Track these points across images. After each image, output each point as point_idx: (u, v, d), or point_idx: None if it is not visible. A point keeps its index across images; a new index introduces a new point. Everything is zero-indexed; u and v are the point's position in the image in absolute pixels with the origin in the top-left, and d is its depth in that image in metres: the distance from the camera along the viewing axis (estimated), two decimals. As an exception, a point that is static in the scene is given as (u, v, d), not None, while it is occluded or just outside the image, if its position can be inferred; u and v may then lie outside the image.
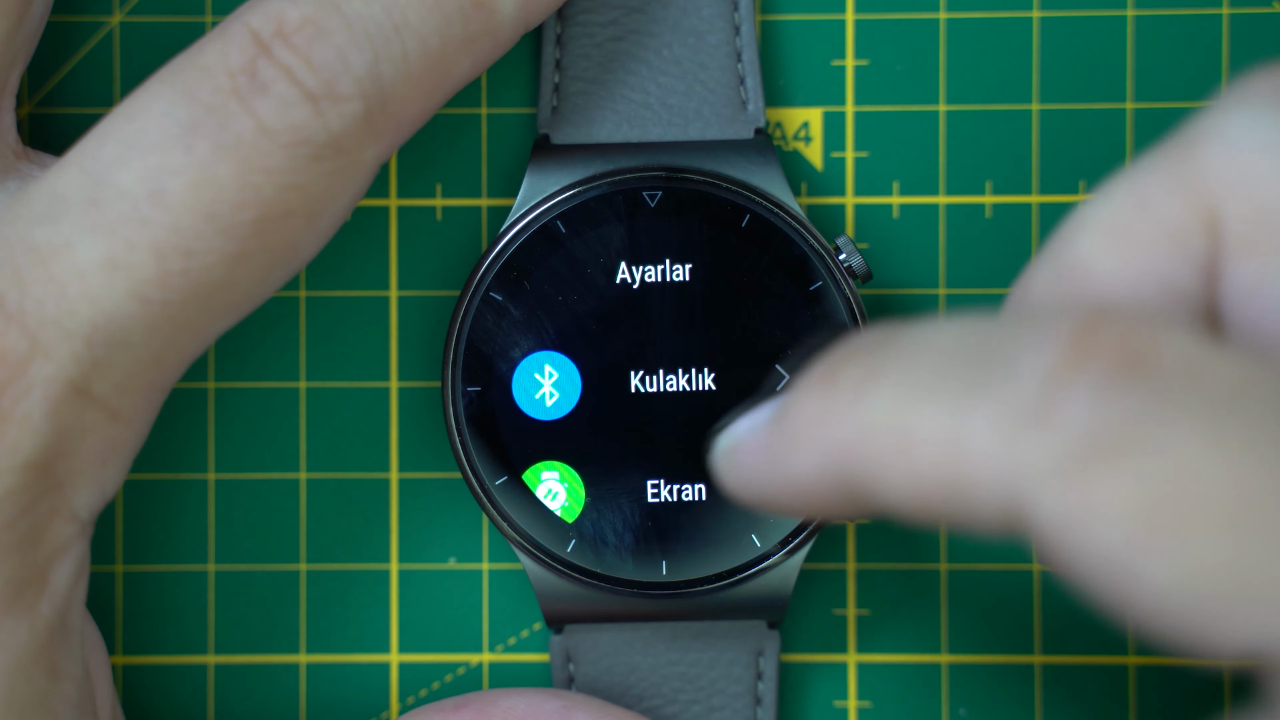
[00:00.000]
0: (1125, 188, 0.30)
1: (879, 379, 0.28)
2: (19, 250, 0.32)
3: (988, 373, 0.27)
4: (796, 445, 0.29)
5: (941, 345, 0.28)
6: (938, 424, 0.27)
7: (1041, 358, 0.26)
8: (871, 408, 0.28)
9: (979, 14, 0.38)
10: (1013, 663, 0.39)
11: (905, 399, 0.27)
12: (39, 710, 0.33)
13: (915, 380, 0.27)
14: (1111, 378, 0.26)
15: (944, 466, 0.27)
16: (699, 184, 0.37)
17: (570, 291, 0.37)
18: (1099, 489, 0.25)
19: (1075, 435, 0.26)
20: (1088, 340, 0.26)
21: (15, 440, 0.32)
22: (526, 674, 0.39)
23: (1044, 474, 0.26)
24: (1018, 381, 0.26)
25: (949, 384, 0.27)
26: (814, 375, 0.29)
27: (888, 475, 0.27)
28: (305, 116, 0.32)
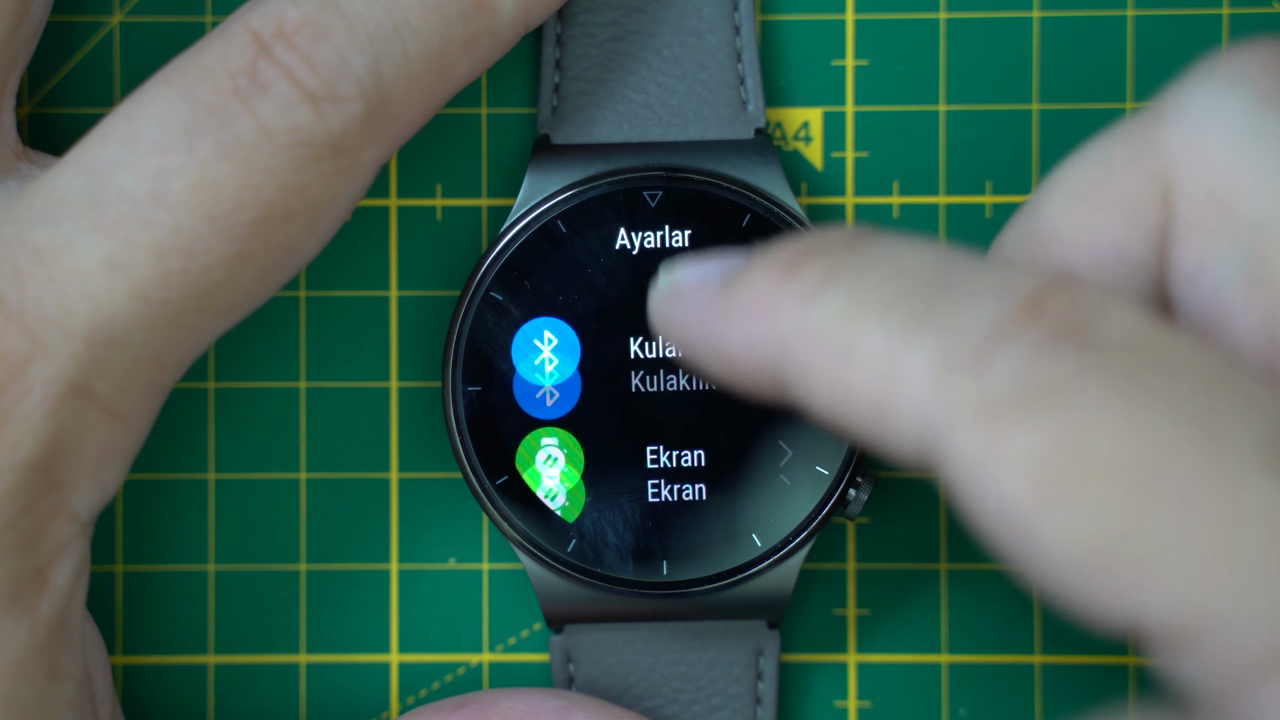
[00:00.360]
0: (1093, 154, 0.30)
1: (835, 284, 0.28)
2: (19, 250, 0.32)
3: (937, 311, 0.27)
4: (738, 320, 0.29)
5: (904, 268, 0.28)
6: (878, 346, 0.27)
7: (990, 311, 0.27)
8: (820, 312, 0.28)
9: (979, 14, 0.38)
10: (1013, 663, 0.39)
11: (854, 313, 0.28)
12: (39, 710, 0.33)
13: (869, 297, 0.28)
14: (1048, 341, 0.26)
15: (873, 387, 0.27)
16: (699, 184, 0.37)
17: (570, 291, 0.37)
18: (1008, 438, 0.26)
19: (999, 386, 0.26)
20: (1037, 304, 0.27)
21: (15, 440, 0.32)
22: (526, 674, 0.39)
23: (963, 414, 0.26)
24: (964, 325, 0.27)
25: (898, 310, 0.27)
26: (775, 257, 0.29)
27: (818, 380, 0.28)
28: (306, 117, 0.32)
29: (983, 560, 0.38)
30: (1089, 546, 0.25)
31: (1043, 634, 0.38)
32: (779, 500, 0.36)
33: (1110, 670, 0.38)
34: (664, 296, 0.31)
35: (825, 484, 0.36)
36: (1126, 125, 0.30)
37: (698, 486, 0.37)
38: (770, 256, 0.29)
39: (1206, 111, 0.29)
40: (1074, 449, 0.26)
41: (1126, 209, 0.30)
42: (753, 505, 0.37)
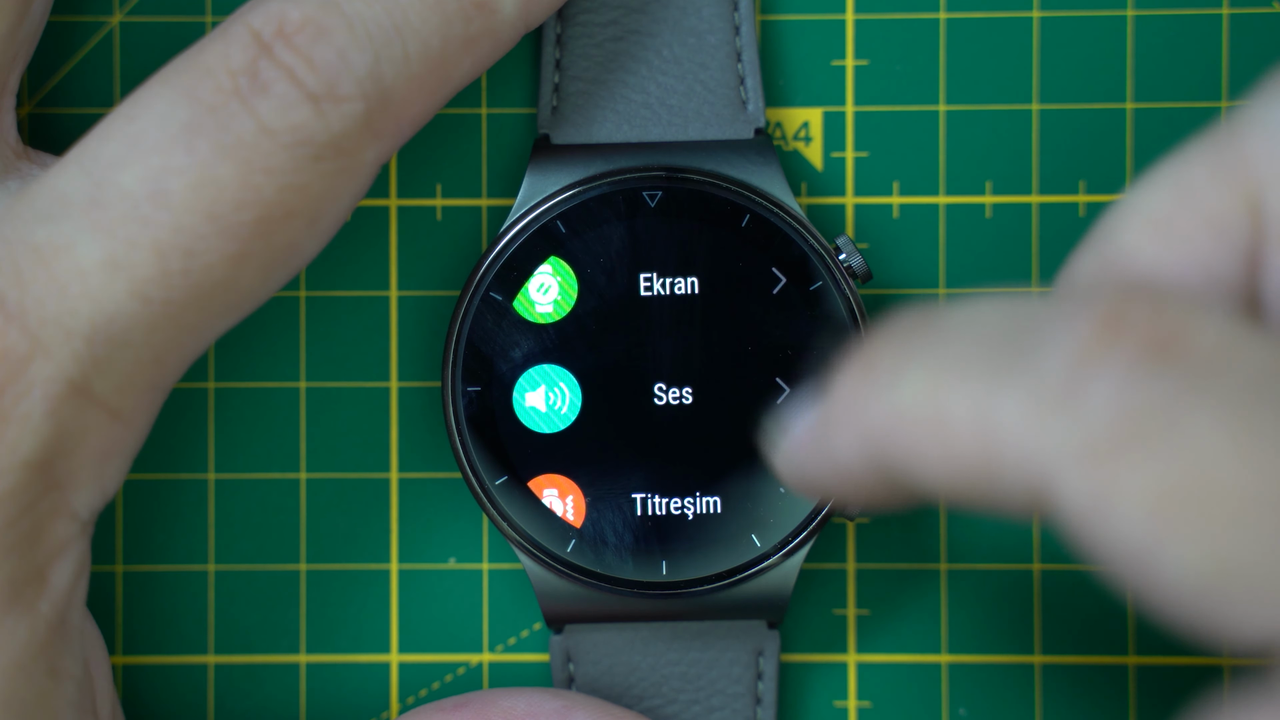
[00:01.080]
0: (1168, 177, 0.29)
1: (913, 361, 0.28)
2: (20, 249, 0.32)
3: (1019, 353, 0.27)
4: (837, 429, 0.29)
5: (975, 326, 0.28)
6: (968, 405, 0.27)
7: (1071, 338, 0.26)
8: (905, 390, 0.28)
9: (979, 14, 0.38)
10: (1013, 663, 0.39)
11: (938, 381, 0.27)
12: (39, 709, 0.33)
13: (948, 362, 0.27)
14: (1140, 360, 0.26)
15: (975, 448, 0.27)
16: (699, 184, 0.37)
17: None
18: (1121, 475, 0.25)
19: (1100, 419, 0.25)
20: (1118, 321, 0.26)
21: (15, 439, 0.32)
22: (526, 674, 0.39)
23: (1069, 458, 0.26)
24: (1047, 364, 0.26)
25: (980, 365, 0.27)
26: (853, 361, 0.29)
27: (922, 457, 0.27)
28: (306, 117, 0.32)
29: (983, 560, 0.38)
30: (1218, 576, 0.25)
31: (1043, 634, 0.38)
32: (779, 500, 0.36)
33: (1110, 670, 0.38)
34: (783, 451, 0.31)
35: (825, 484, 0.36)
36: (1202, 144, 0.29)
37: (700, 496, 0.37)
38: (849, 364, 0.29)
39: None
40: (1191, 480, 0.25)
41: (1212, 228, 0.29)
42: (752, 506, 0.37)
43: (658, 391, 0.37)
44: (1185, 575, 0.25)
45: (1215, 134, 0.29)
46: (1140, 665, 0.38)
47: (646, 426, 0.37)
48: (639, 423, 0.37)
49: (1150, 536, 0.25)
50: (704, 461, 0.37)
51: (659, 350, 0.37)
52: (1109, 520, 0.25)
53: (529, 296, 0.37)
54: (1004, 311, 0.28)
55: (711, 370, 0.37)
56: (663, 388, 0.37)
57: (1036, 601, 0.38)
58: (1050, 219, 0.38)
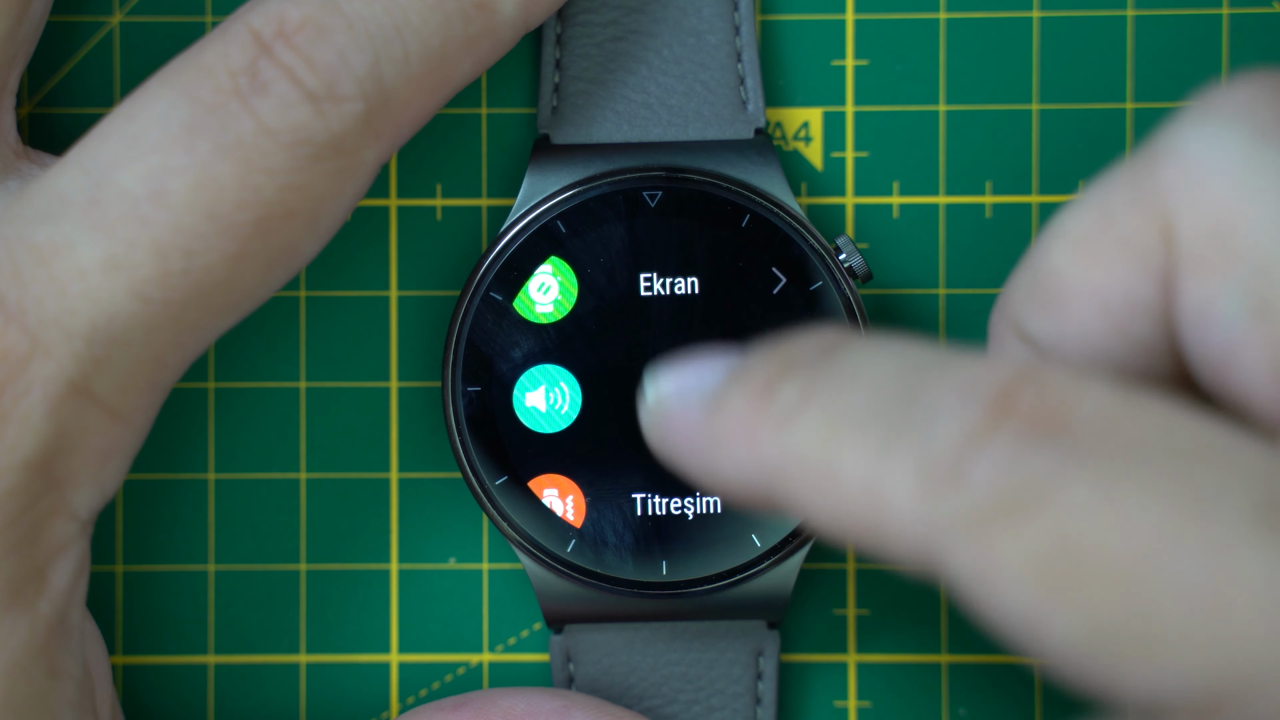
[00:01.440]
0: (1092, 199, 0.30)
1: (810, 405, 0.28)
2: (19, 249, 0.32)
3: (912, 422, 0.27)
4: (725, 448, 0.29)
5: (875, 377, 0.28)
6: (859, 466, 0.27)
7: (962, 416, 0.27)
8: (799, 436, 0.28)
9: (979, 14, 0.38)
10: (1013, 663, 0.38)
11: (832, 433, 0.28)
12: (39, 709, 0.33)
13: (844, 413, 0.28)
14: (1024, 437, 0.26)
15: (862, 505, 0.27)
16: (699, 184, 0.37)
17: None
18: (1001, 546, 0.26)
19: (983, 494, 0.26)
20: (1007, 400, 0.26)
21: (15, 439, 0.32)
22: (526, 674, 0.39)
23: (953, 530, 0.26)
24: (938, 435, 0.27)
25: (874, 426, 0.27)
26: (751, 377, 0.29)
27: (809, 500, 0.28)
28: (306, 116, 0.32)
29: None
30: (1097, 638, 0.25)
31: (1043, 634, 0.38)
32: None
33: (1110, 670, 0.38)
34: (652, 415, 0.31)
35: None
36: (1123, 168, 0.30)
37: (698, 490, 0.37)
38: (747, 377, 0.29)
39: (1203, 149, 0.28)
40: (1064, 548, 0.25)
41: (1129, 252, 0.29)
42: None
43: None
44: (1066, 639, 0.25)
45: (1137, 157, 0.29)
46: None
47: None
48: (639, 422, 0.37)
49: (1031, 604, 0.26)
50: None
51: (659, 350, 0.37)
52: (993, 589, 0.26)
53: (529, 296, 0.37)
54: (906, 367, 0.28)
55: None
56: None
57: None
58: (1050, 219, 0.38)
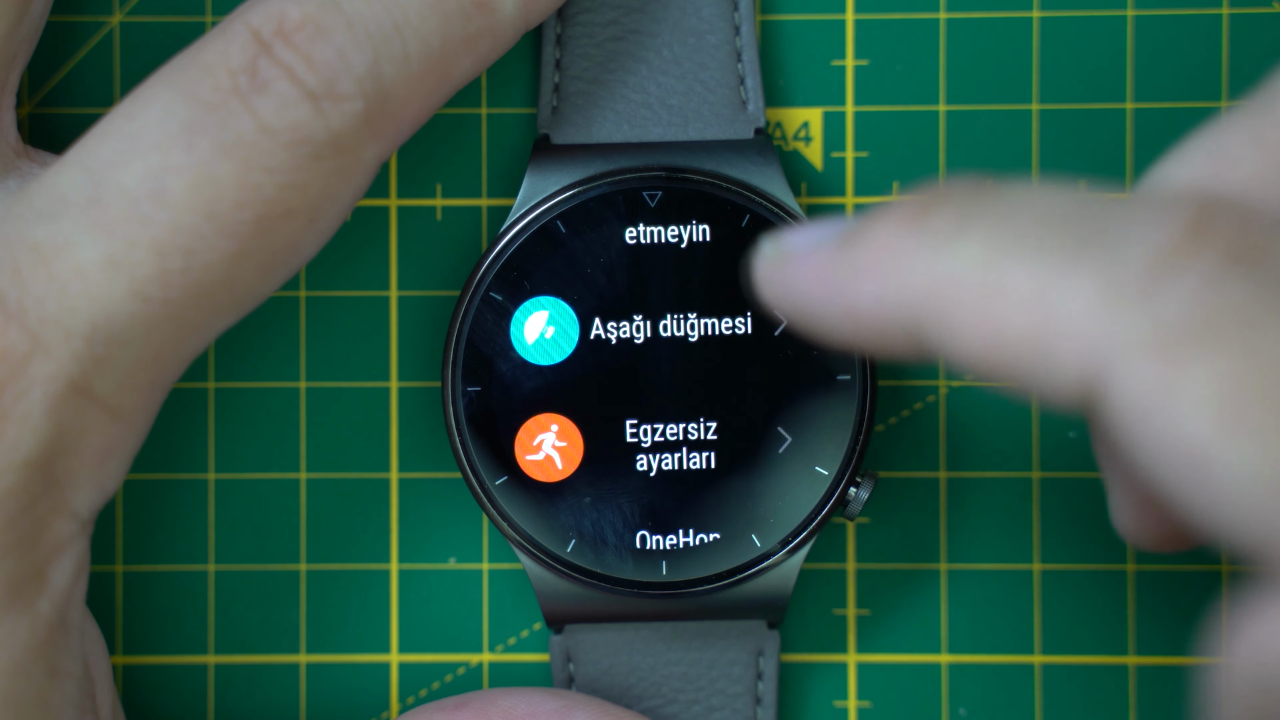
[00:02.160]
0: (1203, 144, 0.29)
1: (973, 226, 0.27)
2: (19, 248, 0.32)
3: (1093, 241, 0.26)
4: (866, 276, 0.28)
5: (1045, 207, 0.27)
6: (1030, 281, 0.26)
7: (1155, 235, 0.26)
8: (960, 254, 0.27)
9: (979, 14, 0.38)
10: (1013, 663, 0.38)
11: (999, 251, 0.27)
12: (39, 708, 0.33)
13: (1012, 235, 0.27)
14: (1221, 265, 0.25)
15: (1029, 325, 0.26)
16: (699, 184, 0.37)
17: (570, 291, 0.37)
18: (1189, 368, 0.25)
19: (1175, 314, 0.25)
20: (1204, 226, 0.26)
21: (15, 438, 0.32)
22: (526, 674, 0.39)
23: (1135, 347, 0.25)
24: (1125, 254, 0.26)
25: (1049, 244, 0.26)
26: (898, 209, 0.28)
27: (966, 326, 0.27)
28: (306, 115, 0.32)
29: (983, 560, 0.38)
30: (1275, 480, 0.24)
31: (1043, 634, 0.38)
32: (779, 500, 0.36)
33: (1110, 670, 0.38)
34: (772, 262, 0.30)
35: (825, 484, 0.36)
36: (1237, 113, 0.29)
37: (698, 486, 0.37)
38: (891, 210, 0.28)
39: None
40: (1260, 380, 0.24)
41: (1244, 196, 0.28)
42: (752, 505, 0.36)
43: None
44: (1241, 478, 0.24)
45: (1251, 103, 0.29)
46: (1140, 665, 0.38)
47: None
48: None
49: (1211, 434, 0.24)
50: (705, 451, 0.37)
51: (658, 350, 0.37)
52: (1169, 414, 0.25)
53: (524, 338, 0.37)
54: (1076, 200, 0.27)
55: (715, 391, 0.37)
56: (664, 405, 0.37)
57: (1036, 601, 0.38)
58: (1050, 219, 0.38)
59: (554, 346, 0.37)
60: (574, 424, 0.37)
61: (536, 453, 0.37)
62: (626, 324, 0.36)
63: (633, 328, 0.36)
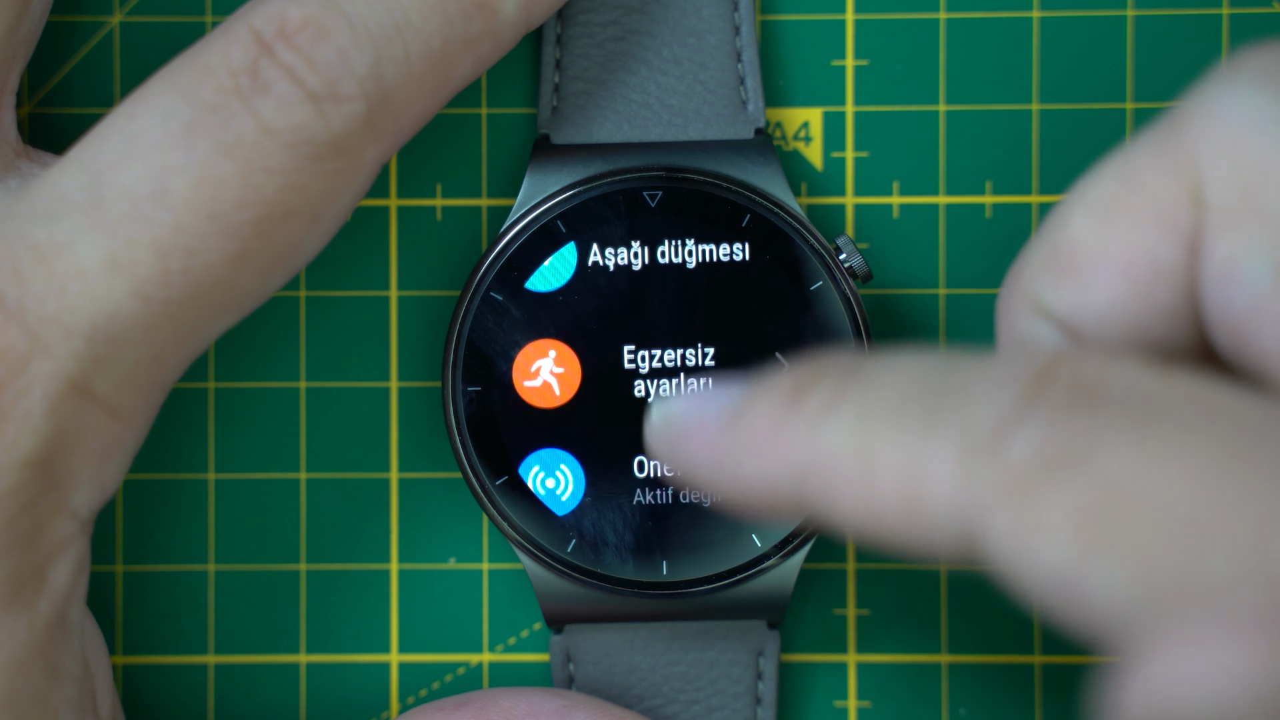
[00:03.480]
0: (1115, 166, 0.30)
1: (841, 404, 0.28)
2: (19, 248, 0.32)
3: (948, 406, 0.27)
4: (751, 453, 0.29)
5: (905, 377, 0.28)
6: (897, 453, 0.27)
7: (1000, 394, 0.27)
8: (832, 433, 0.28)
9: (979, 14, 0.38)
10: (1013, 663, 0.39)
11: (868, 427, 0.28)
12: (38, 708, 0.33)
13: (879, 409, 0.28)
14: (1063, 406, 0.26)
15: (901, 494, 0.27)
16: (699, 184, 0.37)
17: (570, 291, 0.37)
18: (1043, 507, 0.26)
19: (1023, 459, 0.26)
20: (1044, 378, 0.27)
21: (15, 438, 0.32)
22: (526, 674, 0.39)
23: (995, 498, 0.26)
24: (977, 415, 0.27)
25: (911, 414, 0.28)
26: (777, 388, 0.29)
27: (844, 498, 0.28)
28: (307, 116, 0.32)
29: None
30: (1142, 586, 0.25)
31: (1043, 634, 0.38)
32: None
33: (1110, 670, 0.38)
34: (660, 432, 0.31)
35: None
36: (1147, 135, 0.30)
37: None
38: (770, 387, 0.29)
39: (1232, 108, 0.29)
40: (1108, 499, 0.25)
41: (1155, 216, 0.30)
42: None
43: (654, 391, 0.37)
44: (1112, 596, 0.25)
45: (1163, 122, 0.30)
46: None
47: (642, 420, 0.37)
48: (635, 417, 0.37)
49: (1073, 560, 0.26)
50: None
51: (659, 347, 0.37)
52: (1035, 551, 0.26)
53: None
54: (936, 365, 0.28)
55: (711, 371, 0.37)
56: (662, 387, 0.37)
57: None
58: (1050, 219, 0.38)
59: (552, 273, 0.37)
60: (572, 350, 0.37)
61: (534, 379, 0.37)
62: (624, 250, 0.37)
63: (630, 254, 0.37)
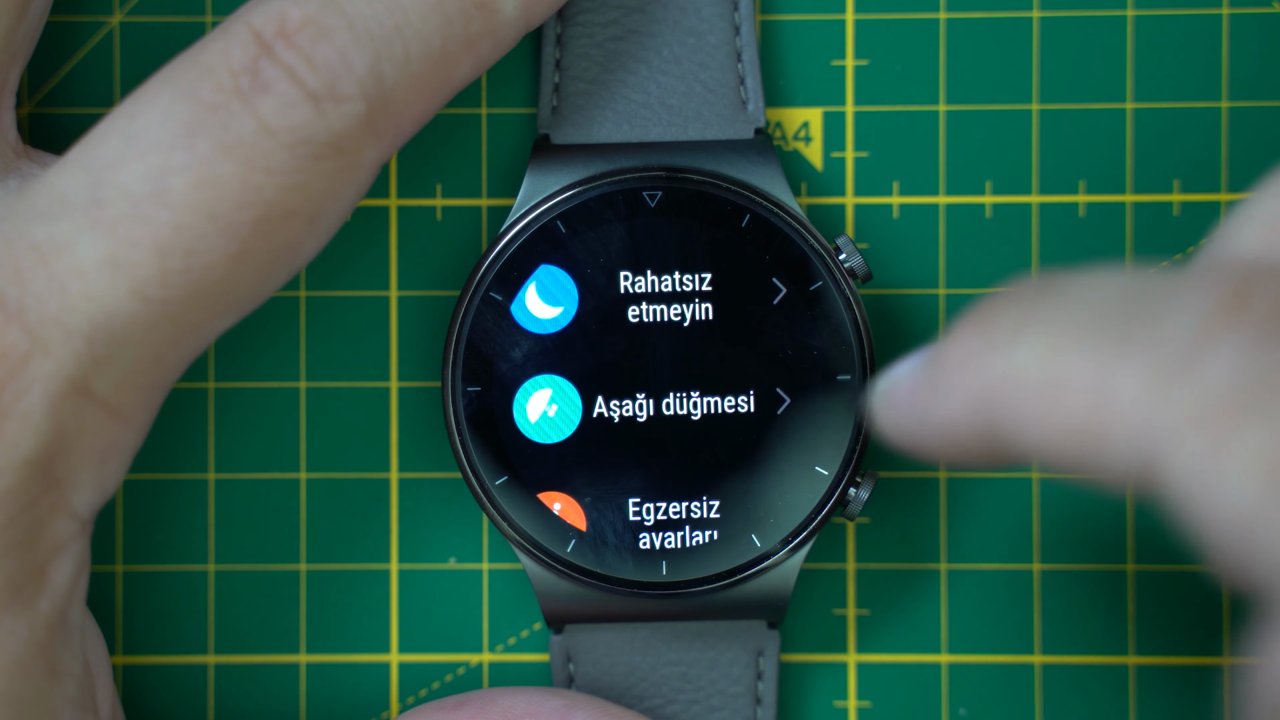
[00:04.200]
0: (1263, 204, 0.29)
1: (1031, 325, 0.28)
2: (20, 248, 0.32)
3: (1140, 324, 0.26)
4: (946, 387, 0.29)
5: (1096, 296, 0.28)
6: (1086, 372, 0.27)
7: (1193, 311, 0.26)
8: (1022, 353, 0.28)
9: (979, 14, 0.38)
10: (1013, 663, 0.39)
11: (1056, 346, 0.27)
12: (39, 708, 0.33)
13: (1067, 329, 0.27)
14: (1260, 333, 0.25)
15: (1087, 413, 0.27)
16: (699, 184, 0.37)
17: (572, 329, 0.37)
18: (1234, 441, 0.25)
19: (1216, 388, 0.25)
20: (1241, 297, 0.26)
21: (15, 437, 0.32)
22: (526, 674, 0.39)
23: (1182, 425, 0.25)
24: (1169, 334, 0.26)
25: (1100, 334, 0.27)
26: (968, 320, 0.29)
27: (1033, 421, 0.28)
28: (307, 116, 0.32)
29: (983, 560, 0.39)
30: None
31: (1043, 634, 0.38)
32: (778, 501, 0.36)
33: (1110, 670, 0.38)
34: (881, 399, 0.31)
35: (825, 484, 0.36)
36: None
37: (697, 502, 0.37)
38: (962, 322, 0.29)
39: None
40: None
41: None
42: (752, 506, 0.37)
43: (657, 391, 0.37)
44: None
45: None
46: (1140, 665, 0.38)
47: (647, 428, 0.37)
48: (639, 425, 0.37)
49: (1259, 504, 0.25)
50: (704, 463, 0.37)
51: (658, 351, 0.37)
52: (1217, 488, 0.25)
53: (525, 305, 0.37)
54: (1126, 284, 0.28)
55: (711, 371, 0.37)
56: (663, 388, 0.37)
57: (1036, 601, 0.38)
58: (1050, 219, 0.38)
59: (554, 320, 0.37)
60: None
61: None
62: None
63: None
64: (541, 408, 0.37)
